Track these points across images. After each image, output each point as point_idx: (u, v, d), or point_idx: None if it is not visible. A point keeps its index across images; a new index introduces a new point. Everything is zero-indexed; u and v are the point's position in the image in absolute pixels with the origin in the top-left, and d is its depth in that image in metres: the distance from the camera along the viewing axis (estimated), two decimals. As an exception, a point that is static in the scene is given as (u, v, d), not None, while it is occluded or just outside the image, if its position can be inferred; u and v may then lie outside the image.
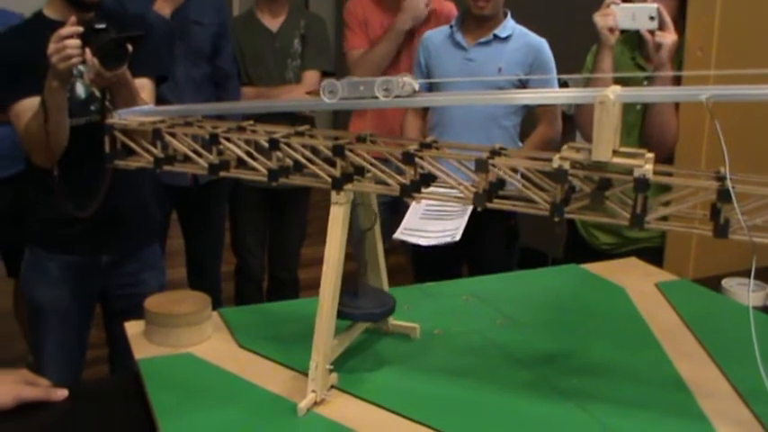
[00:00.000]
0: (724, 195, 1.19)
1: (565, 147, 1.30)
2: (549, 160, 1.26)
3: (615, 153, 1.25)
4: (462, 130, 3.17)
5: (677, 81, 2.64)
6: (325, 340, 1.44)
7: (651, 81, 2.73)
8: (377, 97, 1.39)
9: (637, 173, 1.20)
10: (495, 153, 1.34)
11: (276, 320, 1.82)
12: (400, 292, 1.92)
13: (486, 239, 3.24)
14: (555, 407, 1.47)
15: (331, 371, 1.48)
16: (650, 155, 1.28)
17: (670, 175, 1.30)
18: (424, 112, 3.43)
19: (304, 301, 1.95)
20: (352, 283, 1.57)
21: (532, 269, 2.24)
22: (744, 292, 2.06)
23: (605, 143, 1.21)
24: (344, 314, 1.53)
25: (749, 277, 2.12)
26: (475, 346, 1.69)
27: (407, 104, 1.40)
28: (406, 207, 3.10)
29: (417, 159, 1.34)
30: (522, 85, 3.18)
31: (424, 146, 1.40)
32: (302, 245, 3.88)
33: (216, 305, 1.79)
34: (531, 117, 3.33)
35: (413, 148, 1.37)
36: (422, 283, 2.10)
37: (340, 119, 6.12)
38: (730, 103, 2.37)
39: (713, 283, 2.13)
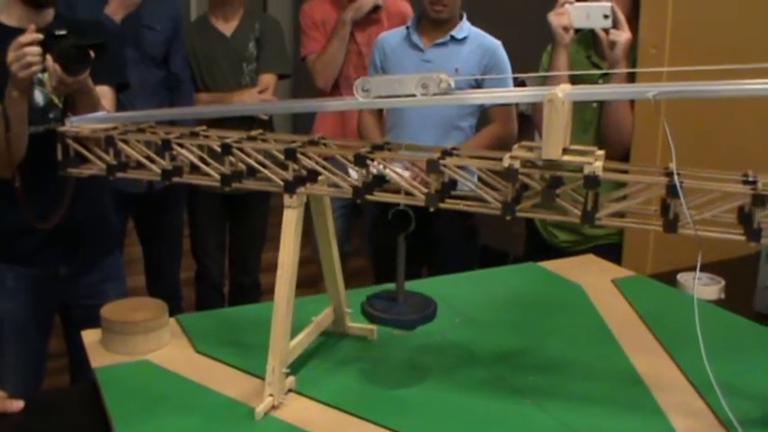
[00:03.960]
0: (672, 191, 1.20)
1: (516, 145, 1.30)
2: (500, 159, 1.26)
3: (566, 151, 1.26)
4: (419, 131, 3.17)
5: (632, 78, 2.67)
6: (282, 344, 1.44)
7: (606, 79, 2.75)
8: (414, 95, 1.37)
9: (587, 170, 1.21)
10: (446, 153, 1.35)
11: (234, 325, 1.81)
12: (358, 294, 1.92)
13: (445, 239, 3.25)
14: (512, 405, 1.47)
15: (288, 374, 1.48)
16: (601, 152, 1.29)
17: (620, 171, 1.31)
18: (380, 112, 3.43)
19: (263, 305, 1.94)
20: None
21: (492, 268, 2.25)
22: (699, 286, 2.08)
23: (555, 141, 1.22)
24: (381, 321, 1.53)
25: (704, 271, 2.16)
26: (433, 345, 1.69)
27: (445, 102, 1.38)
28: (366, 210, 3.10)
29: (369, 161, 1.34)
30: (479, 85, 3.20)
31: (376, 148, 1.40)
32: (263, 249, 3.86)
33: (176, 312, 1.78)
34: (488, 118, 3.34)
35: (364, 150, 1.37)
36: (380, 285, 2.10)
37: (300, 122, 6.11)
38: (688, 100, 2.41)
39: (670, 279, 2.16)
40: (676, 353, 1.66)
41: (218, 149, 1.46)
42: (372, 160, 1.35)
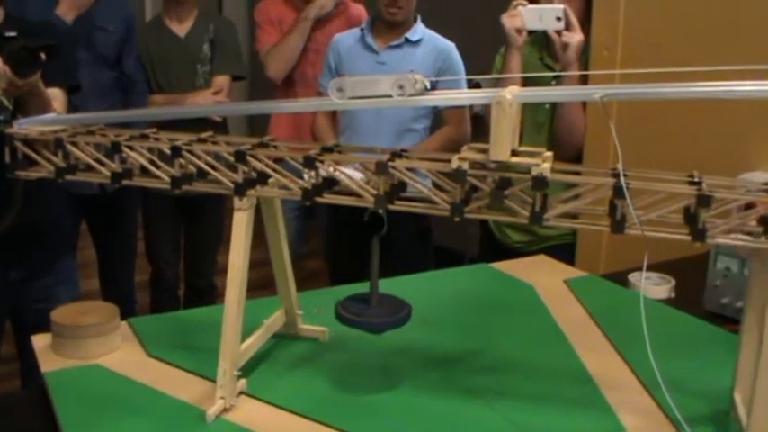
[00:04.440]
0: (618, 192, 1.22)
1: (465, 147, 1.31)
2: (449, 161, 1.27)
3: (514, 153, 1.27)
4: (373, 134, 3.18)
5: (585, 80, 2.69)
6: (233, 347, 1.44)
7: (559, 81, 2.77)
8: (389, 96, 1.35)
9: (534, 172, 1.22)
10: (395, 155, 1.35)
11: (187, 328, 1.81)
12: (311, 296, 1.93)
13: (399, 241, 3.25)
14: (464, 405, 1.48)
15: (239, 377, 1.47)
16: (549, 154, 1.30)
17: (569, 173, 1.32)
18: (334, 113, 3.43)
19: (216, 307, 1.93)
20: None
21: (447, 269, 2.26)
22: (649, 285, 2.11)
23: (503, 143, 1.22)
24: (352, 322, 1.52)
25: (655, 271, 2.18)
26: (385, 346, 1.69)
27: (419, 103, 1.37)
28: (321, 211, 3.10)
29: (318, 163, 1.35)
30: (433, 87, 3.20)
31: (326, 150, 1.40)
32: (219, 251, 3.85)
33: (130, 315, 1.77)
34: (441, 120, 3.35)
35: (314, 152, 1.37)
36: (336, 287, 2.11)
37: (256, 123, 6.09)
38: (641, 102, 2.44)
39: (622, 278, 2.18)
40: (626, 352, 1.68)
41: (168, 152, 1.45)
42: (322, 162, 1.35)
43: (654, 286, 2.12)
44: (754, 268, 1.35)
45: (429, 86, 1.34)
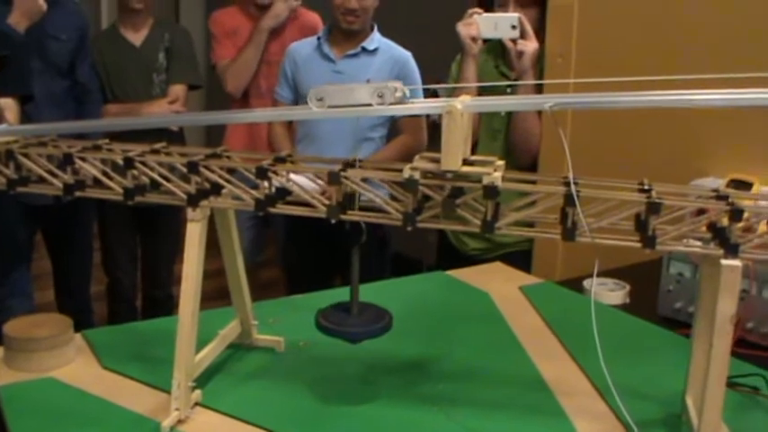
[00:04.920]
0: (569, 200, 1.23)
1: (417, 156, 1.32)
2: (401, 171, 1.27)
3: (466, 162, 1.27)
4: (330, 142, 3.18)
5: (540, 87, 2.71)
6: (187, 358, 1.43)
7: (515, 89, 2.79)
8: (370, 104, 1.34)
9: (485, 180, 1.23)
10: (348, 165, 1.35)
11: (142, 340, 1.79)
12: (267, 305, 1.93)
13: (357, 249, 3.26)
14: (420, 413, 1.49)
15: (194, 388, 1.47)
16: (500, 162, 1.31)
17: (520, 181, 1.33)
18: (290, 122, 3.43)
19: (172, 318, 1.92)
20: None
21: (403, 276, 2.26)
22: (604, 291, 2.12)
23: (454, 152, 1.23)
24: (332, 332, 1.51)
25: (610, 277, 2.20)
26: (340, 356, 1.69)
27: (398, 112, 1.37)
28: (278, 219, 3.10)
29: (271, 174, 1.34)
30: (390, 95, 3.21)
31: (279, 160, 1.40)
32: (176, 261, 3.82)
33: (87, 326, 1.75)
34: (398, 129, 3.36)
35: (267, 162, 1.37)
36: (292, 296, 2.11)
37: (214, 133, 6.07)
38: (596, 111, 2.45)
39: (577, 285, 2.19)
40: (580, 358, 1.69)
41: (121, 163, 1.44)
42: (275, 173, 1.35)
43: (609, 292, 2.14)
44: (704, 273, 1.37)
45: (408, 95, 1.33)
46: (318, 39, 3.37)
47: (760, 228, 1.37)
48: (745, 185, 2.24)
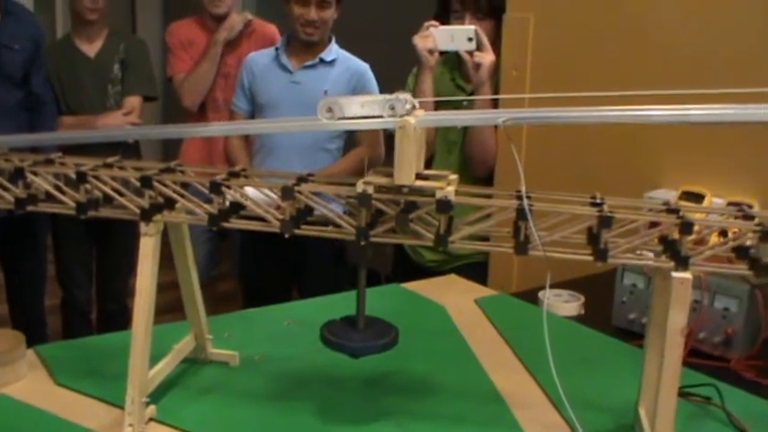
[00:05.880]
0: (521, 214, 1.24)
1: (371, 171, 1.32)
2: (354, 185, 1.27)
3: (419, 176, 1.28)
4: (286, 154, 3.18)
5: (496, 101, 2.73)
6: (141, 373, 1.42)
7: (471, 101, 2.80)
8: (381, 116, 1.31)
9: (438, 195, 1.23)
10: (301, 180, 1.35)
11: (96, 354, 1.77)
12: (222, 319, 1.92)
13: (312, 261, 3.26)
14: (376, 427, 1.48)
15: (148, 403, 1.46)
16: (454, 177, 1.32)
17: (473, 195, 1.34)
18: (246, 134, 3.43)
19: (127, 332, 1.90)
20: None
21: (356, 290, 2.25)
22: (558, 303, 2.14)
23: (407, 167, 1.23)
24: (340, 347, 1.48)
25: (565, 288, 2.22)
26: (295, 370, 1.69)
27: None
28: (234, 232, 3.09)
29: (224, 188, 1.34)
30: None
31: (233, 174, 1.40)
32: (131, 273, 3.79)
33: (41, 339, 1.73)
34: (355, 141, 3.37)
35: (220, 177, 1.36)
36: (249, 309, 2.10)
37: (171, 146, 6.04)
38: (550, 125, 2.47)
39: (532, 296, 2.21)
40: (535, 369, 1.70)
41: (74, 177, 1.43)
42: (228, 187, 1.35)
43: (564, 304, 2.15)
44: (656, 286, 1.38)
45: (417, 106, 1.32)
46: (276, 49, 3.37)
47: (711, 239, 1.38)
48: (697, 197, 2.27)
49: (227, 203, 1.36)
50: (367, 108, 1.31)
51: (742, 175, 2.32)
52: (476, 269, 2.82)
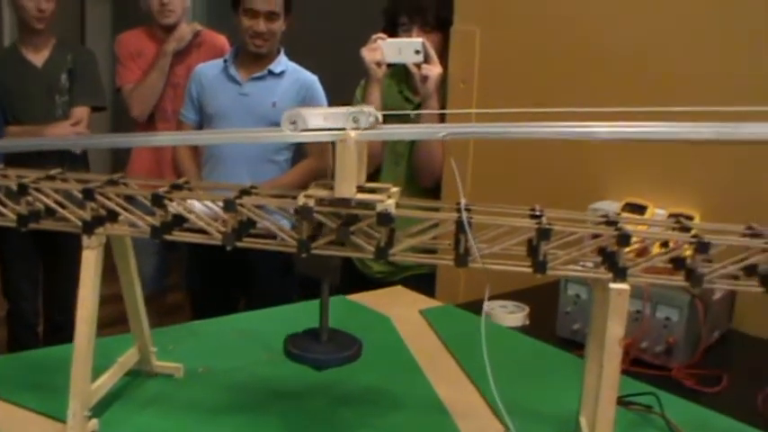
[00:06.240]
0: (461, 226, 1.25)
1: (313, 183, 1.33)
2: (296, 198, 1.28)
3: (361, 189, 1.29)
4: (234, 165, 3.19)
5: (443, 115, 2.75)
6: (82, 386, 1.41)
7: (419, 114, 2.82)
8: (343, 129, 1.29)
9: (379, 208, 1.24)
10: (244, 192, 1.36)
11: (40, 367, 1.76)
12: (168, 332, 1.91)
13: (260, 273, 3.26)
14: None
15: (90, 417, 1.45)
16: (395, 189, 1.33)
17: (414, 208, 1.35)
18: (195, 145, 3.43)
19: (69, 345, 1.89)
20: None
21: (308, 300, 2.26)
22: (504, 313, 2.16)
23: (348, 180, 1.24)
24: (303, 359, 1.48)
25: (510, 299, 2.24)
26: (240, 382, 1.69)
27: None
28: (182, 246, 3.08)
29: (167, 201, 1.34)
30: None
31: (175, 187, 1.40)
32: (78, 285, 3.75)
33: (-14, 353, 1.71)
34: (303, 152, 3.38)
35: (163, 190, 1.36)
36: (190, 322, 2.09)
37: (120, 158, 6.00)
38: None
39: (478, 307, 2.22)
40: (478, 380, 1.71)
41: (15, 189, 1.42)
42: (171, 200, 1.35)
43: (508, 314, 2.17)
44: (596, 297, 1.40)
45: (381, 119, 1.33)
46: (225, 61, 3.37)
47: (654, 250, 1.41)
48: (639, 209, 2.31)
49: (170, 216, 1.36)
50: (330, 120, 1.31)
51: (684, 187, 2.36)
52: (423, 280, 2.84)
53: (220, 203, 1.33)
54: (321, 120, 1.31)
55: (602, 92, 2.56)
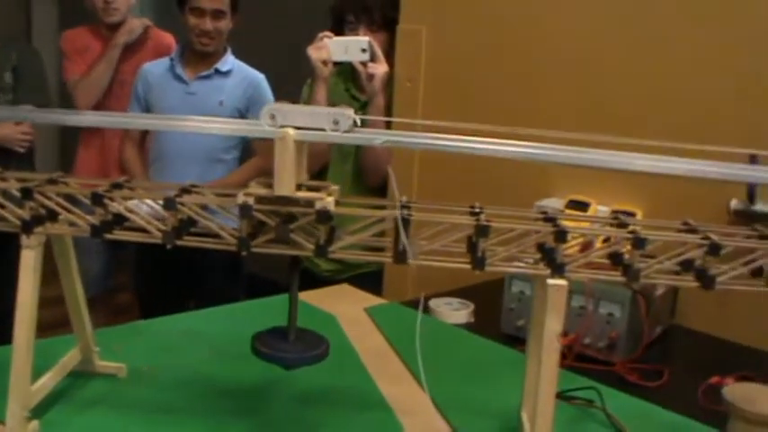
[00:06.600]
0: (403, 223, 1.26)
1: (253, 182, 1.33)
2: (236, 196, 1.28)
3: (300, 187, 1.29)
4: (182, 164, 3.18)
5: (390, 112, 2.76)
6: (22, 387, 1.40)
7: (364, 112, 2.83)
8: (323, 129, 1.29)
9: (318, 205, 1.25)
10: (184, 191, 1.36)
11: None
12: (113, 331, 1.90)
13: (209, 271, 3.25)
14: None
15: (30, 419, 1.43)
16: (335, 187, 1.33)
17: (354, 206, 1.36)
18: (142, 144, 3.41)
19: (9, 347, 1.87)
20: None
21: (253, 299, 2.26)
22: (448, 311, 2.17)
23: (287, 178, 1.25)
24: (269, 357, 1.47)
25: (455, 296, 2.25)
26: (183, 380, 1.68)
27: (350, 142, 1.33)
28: (130, 245, 3.06)
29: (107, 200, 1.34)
30: (243, 118, 3.22)
31: (116, 186, 1.39)
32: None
33: None
34: (251, 151, 3.38)
35: (102, 189, 1.36)
36: (136, 321, 2.08)
37: (66, 156, 5.95)
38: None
39: (425, 305, 2.23)
40: (421, 377, 1.72)
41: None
42: (111, 199, 1.34)
43: (453, 312, 2.18)
44: (535, 293, 1.42)
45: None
46: (171, 60, 3.35)
47: (598, 244, 1.42)
48: (582, 206, 2.33)
49: (110, 215, 1.36)
50: (310, 120, 1.30)
51: (627, 186, 2.39)
52: (371, 279, 2.85)
53: (161, 202, 1.33)
54: (302, 118, 1.31)
55: (548, 91, 2.59)
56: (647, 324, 2.03)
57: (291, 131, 1.25)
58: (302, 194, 1.27)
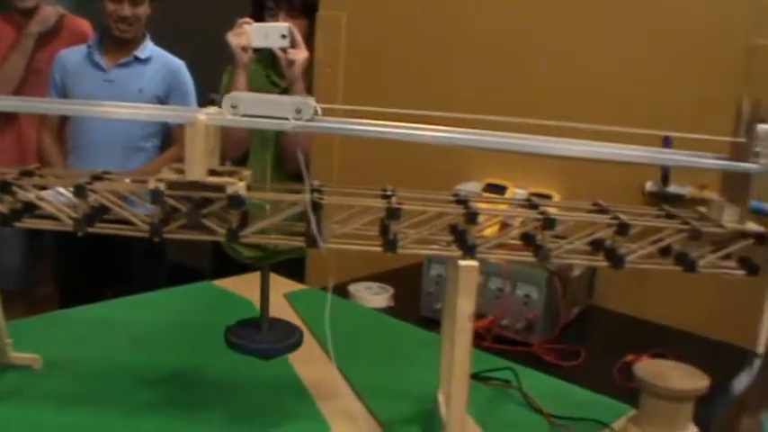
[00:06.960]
0: (314, 208, 1.26)
1: (165, 168, 1.32)
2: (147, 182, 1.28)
3: (212, 172, 1.29)
4: (102, 152, 3.15)
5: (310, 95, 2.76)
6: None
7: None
8: (286, 119, 1.30)
9: (230, 190, 1.25)
10: (96, 178, 1.34)
11: None
12: (29, 322, 1.88)
13: (128, 260, 3.22)
14: (182, 424, 1.48)
15: (-60, 412, 1.42)
16: (247, 172, 1.33)
17: (268, 191, 1.36)
18: (60, 133, 3.36)
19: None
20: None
21: (175, 287, 2.25)
22: (368, 295, 2.19)
23: (198, 163, 1.25)
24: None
25: (375, 281, 2.27)
26: (99, 371, 1.67)
27: (313, 131, 1.34)
28: (48, 235, 3.03)
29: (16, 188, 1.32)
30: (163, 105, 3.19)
31: (25, 174, 1.38)
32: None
33: None
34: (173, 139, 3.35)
35: (11, 176, 1.34)
36: (53, 312, 2.06)
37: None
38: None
39: (344, 290, 2.25)
40: (341, 361, 1.73)
41: None
42: (20, 187, 1.33)
43: (373, 296, 2.20)
44: (449, 275, 1.43)
45: (320, 112, 1.32)
46: (89, 47, 3.31)
47: (514, 228, 1.44)
48: (499, 189, 2.36)
49: (19, 203, 1.34)
50: (271, 109, 1.31)
51: (543, 169, 2.42)
52: (295, 264, 2.84)
53: (72, 189, 1.32)
54: (264, 107, 1.30)
55: (467, 76, 2.62)
56: (563, 305, 2.07)
57: (202, 116, 1.24)
58: (213, 179, 1.27)
